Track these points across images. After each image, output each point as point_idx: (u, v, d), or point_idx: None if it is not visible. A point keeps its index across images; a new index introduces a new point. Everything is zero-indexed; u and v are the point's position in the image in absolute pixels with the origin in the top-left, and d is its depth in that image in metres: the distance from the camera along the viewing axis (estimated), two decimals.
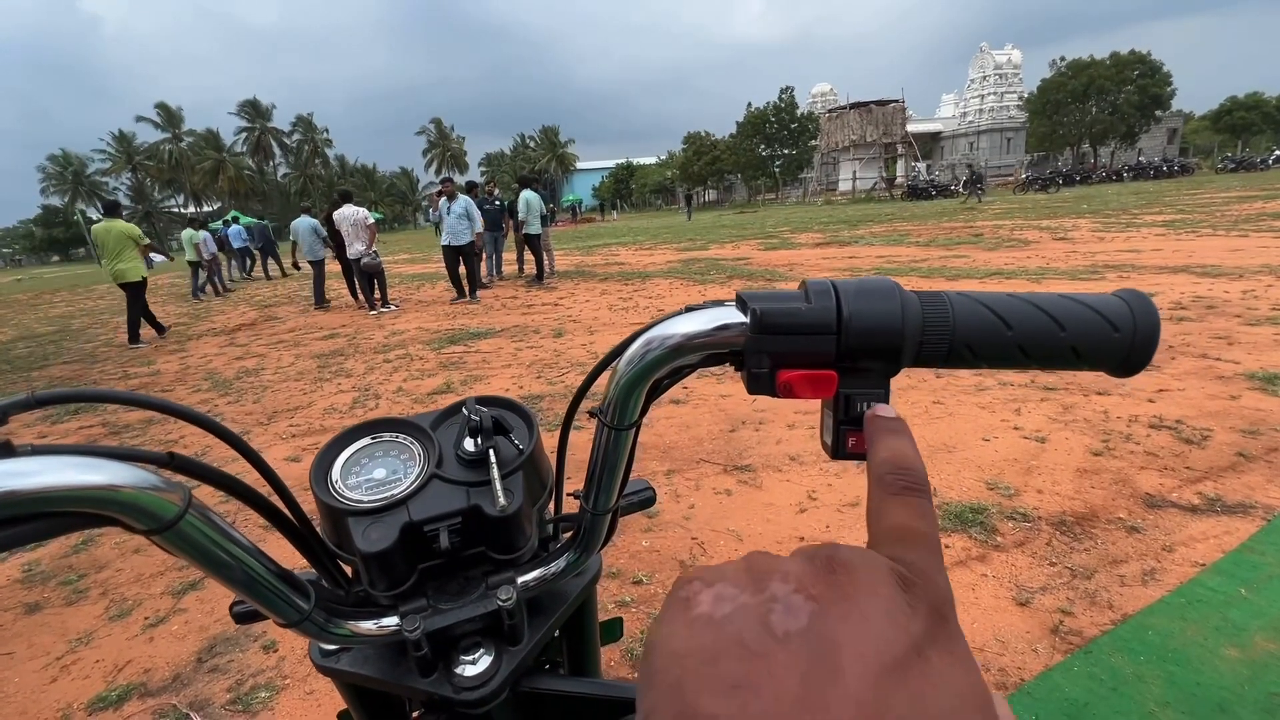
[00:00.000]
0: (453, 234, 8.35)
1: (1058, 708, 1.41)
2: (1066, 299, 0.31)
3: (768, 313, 0.31)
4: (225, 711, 1.62)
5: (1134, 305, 0.30)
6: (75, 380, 6.00)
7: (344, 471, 0.44)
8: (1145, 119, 40.29)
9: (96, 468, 0.27)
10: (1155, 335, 0.30)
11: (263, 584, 0.36)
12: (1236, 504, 2.18)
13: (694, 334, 0.33)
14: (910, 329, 0.30)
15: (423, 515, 0.41)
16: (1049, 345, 0.30)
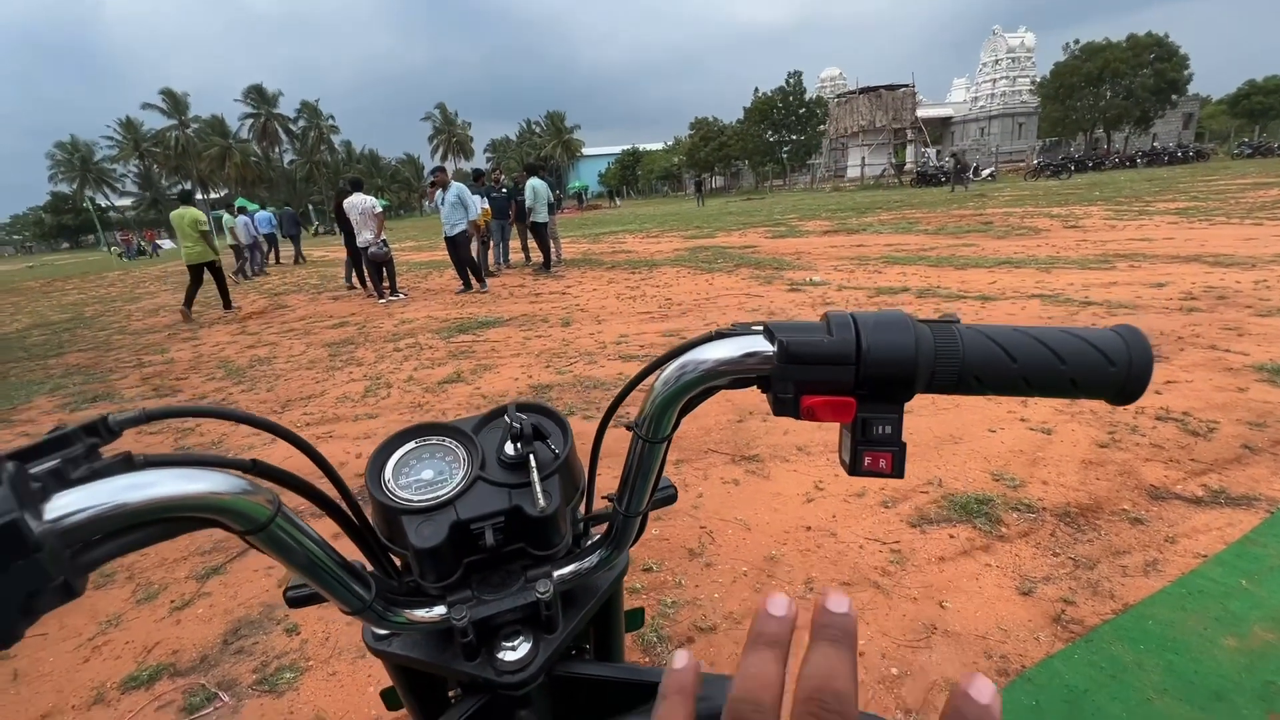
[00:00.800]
0: (448, 223, 8.32)
1: (1058, 694, 1.45)
2: (1067, 333, 0.34)
3: (793, 344, 0.34)
4: (252, 691, 1.68)
5: (1130, 341, 0.33)
6: (91, 367, 6.09)
7: (395, 472, 0.48)
8: (1161, 103, 39.61)
9: (202, 478, 0.31)
10: (1149, 369, 0.33)
11: (333, 576, 0.40)
12: (1240, 496, 2.20)
13: (725, 360, 0.36)
14: (923, 360, 0.33)
15: (469, 514, 0.45)
16: (1050, 377, 0.34)
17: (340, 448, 3.35)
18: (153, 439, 3.77)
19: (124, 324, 8.89)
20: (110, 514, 0.28)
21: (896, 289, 6.27)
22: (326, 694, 1.65)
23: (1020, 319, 4.76)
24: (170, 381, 5.21)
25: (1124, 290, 5.42)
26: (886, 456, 0.35)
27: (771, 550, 2.11)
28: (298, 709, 1.61)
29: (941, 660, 1.59)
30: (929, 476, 2.50)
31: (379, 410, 3.95)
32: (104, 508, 0.28)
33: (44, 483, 0.27)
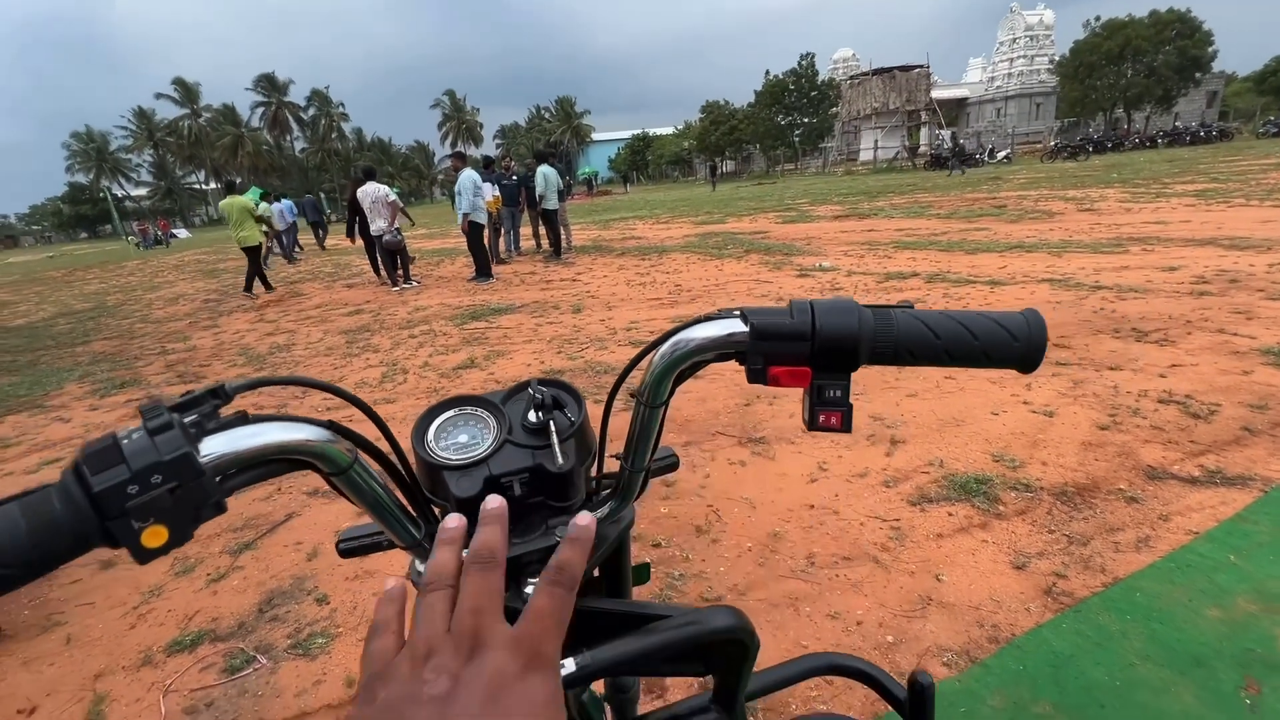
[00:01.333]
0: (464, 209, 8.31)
1: (1043, 659, 1.53)
2: (982, 315, 0.42)
3: (761, 325, 0.42)
4: (287, 655, 1.80)
5: (1030, 321, 0.41)
6: (116, 355, 6.26)
7: (436, 436, 0.56)
8: (1184, 82, 38.60)
9: (302, 429, 0.40)
10: (1044, 343, 0.41)
11: (394, 517, 0.49)
12: (1236, 476, 2.25)
13: (710, 338, 0.44)
14: (865, 337, 0.41)
15: (499, 470, 0.54)
16: (967, 349, 0.41)
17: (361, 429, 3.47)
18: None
19: (146, 312, 9.09)
20: (243, 453, 0.37)
21: (906, 274, 6.28)
22: (356, 657, 1.77)
23: (1028, 303, 4.77)
24: (194, 368, 5.37)
25: (1135, 274, 5.41)
26: (837, 415, 0.43)
27: (775, 527, 2.20)
28: (330, 671, 1.73)
29: (935, 629, 1.67)
30: (931, 457, 2.57)
31: (396, 395, 4.07)
32: (239, 449, 0.36)
33: (195, 429, 0.36)
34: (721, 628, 0.51)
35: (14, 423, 4.27)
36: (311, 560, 2.27)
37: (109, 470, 0.31)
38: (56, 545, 0.30)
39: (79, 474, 0.31)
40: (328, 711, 1.60)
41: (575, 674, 0.49)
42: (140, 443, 0.32)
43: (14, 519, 0.30)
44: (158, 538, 0.32)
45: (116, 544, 0.31)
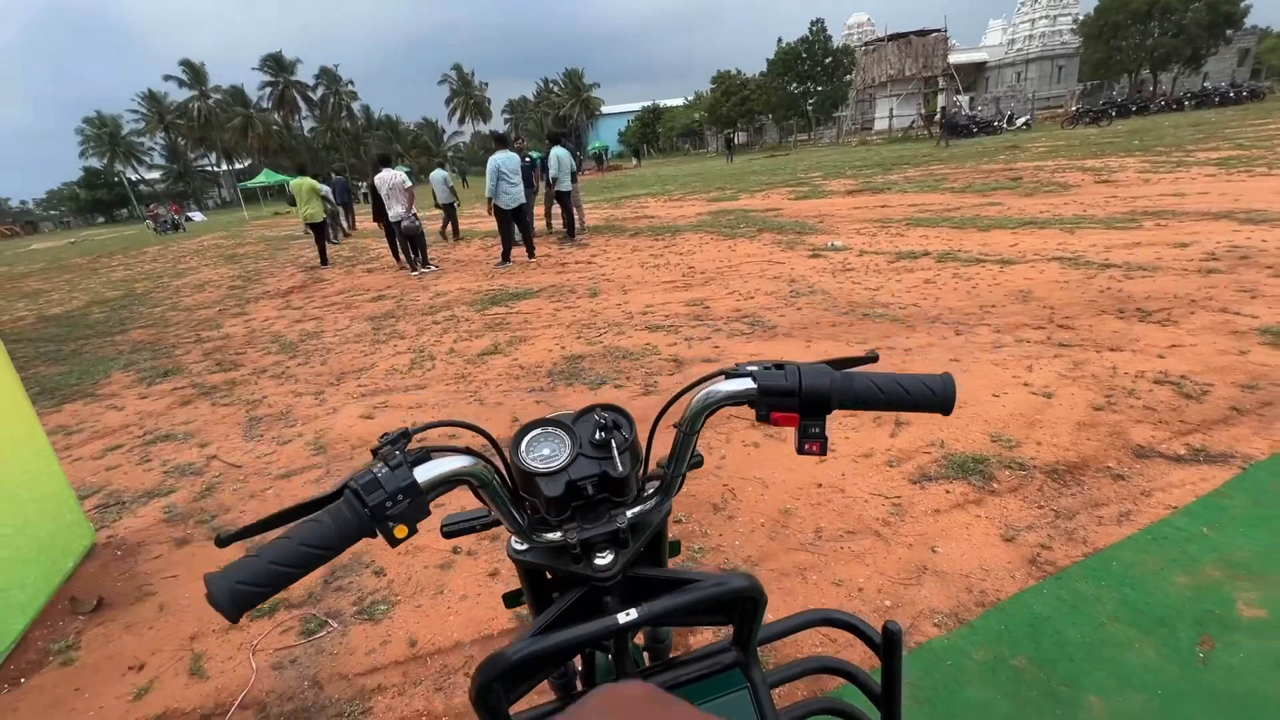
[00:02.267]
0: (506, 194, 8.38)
1: (1023, 620, 1.72)
2: (916, 379, 0.60)
3: (765, 385, 0.61)
4: (354, 619, 2.05)
5: (945, 383, 0.60)
6: (154, 343, 6.56)
7: (527, 450, 0.76)
8: (1214, 40, 37.20)
9: (460, 460, 0.59)
10: (953, 398, 0.59)
11: (509, 512, 0.69)
12: (1219, 454, 2.41)
13: (731, 392, 0.63)
14: (835, 393, 0.59)
15: (576, 476, 0.73)
16: (901, 401, 0.60)
17: (397, 417, 3.71)
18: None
19: (175, 300, 9.40)
20: (435, 478, 0.56)
21: (918, 253, 6.37)
22: (415, 621, 2.01)
23: (1036, 283, 4.87)
24: (231, 356, 5.64)
25: (1146, 251, 5.46)
26: (817, 444, 0.62)
27: (786, 505, 2.40)
28: (393, 633, 1.97)
29: (929, 594, 1.87)
30: (932, 438, 2.75)
31: (426, 382, 4.30)
32: (434, 475, 0.56)
33: (412, 463, 0.55)
34: (740, 588, 0.70)
35: (71, 411, 4.57)
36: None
37: (375, 493, 0.51)
38: (347, 536, 0.50)
39: (358, 494, 0.51)
40: (395, 667, 1.84)
41: (635, 620, 0.69)
42: (387, 477, 0.52)
43: (327, 521, 0.50)
44: (402, 531, 0.52)
45: (379, 535, 0.52)
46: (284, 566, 0.49)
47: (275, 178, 40.53)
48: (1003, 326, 4.03)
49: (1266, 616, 1.65)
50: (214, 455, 3.48)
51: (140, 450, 3.68)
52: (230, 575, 0.48)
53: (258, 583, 0.49)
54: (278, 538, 0.51)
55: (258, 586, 0.49)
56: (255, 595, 0.48)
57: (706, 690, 0.80)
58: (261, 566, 0.49)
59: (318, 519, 0.51)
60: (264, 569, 0.49)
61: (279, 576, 0.49)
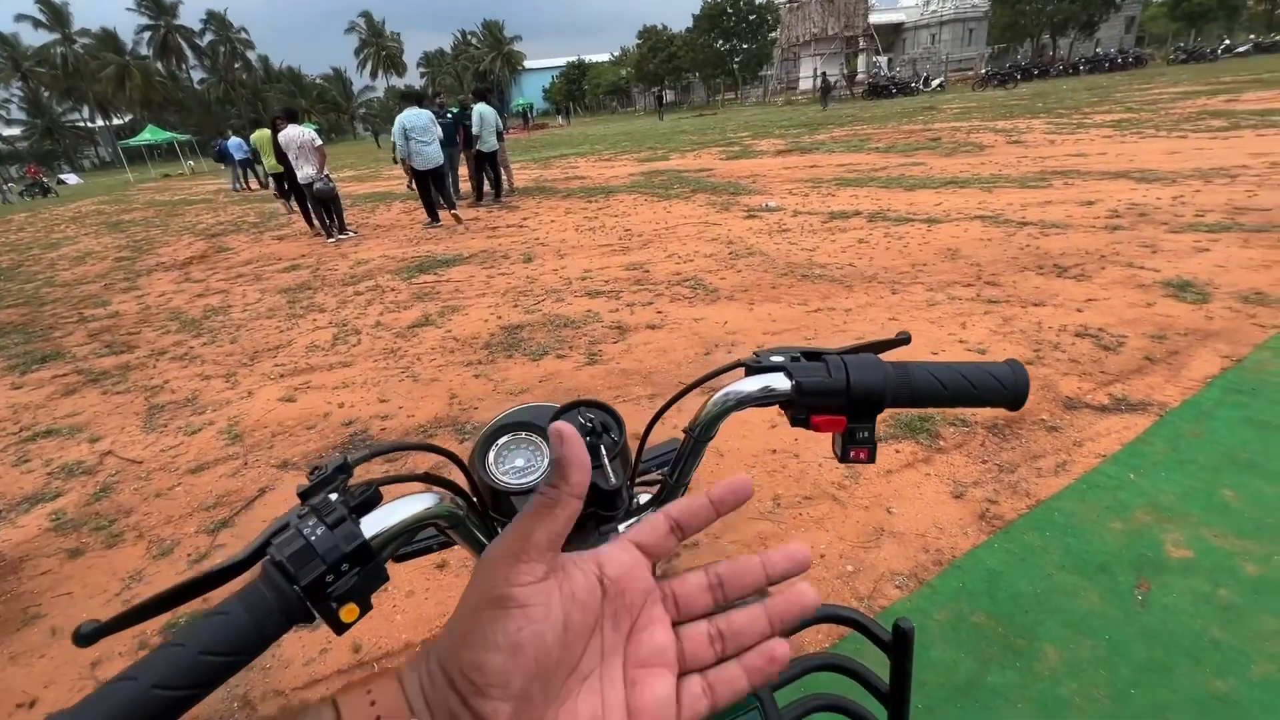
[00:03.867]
0: None
1: (979, 577, 1.77)
2: (978, 367, 0.52)
3: (806, 384, 0.50)
4: None
5: (1015, 371, 0.51)
6: (26, 325, 5.79)
7: (495, 461, 0.63)
8: (1106, 7, 39.53)
9: (421, 500, 0.46)
10: (1026, 389, 0.51)
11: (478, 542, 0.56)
12: (1138, 402, 2.56)
13: (759, 391, 0.52)
14: (889, 390, 0.50)
15: None
16: (967, 396, 0.51)
17: (321, 398, 3.42)
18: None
19: (50, 275, 8.35)
20: (390, 529, 0.43)
21: (849, 213, 6.46)
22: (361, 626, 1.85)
23: (962, 241, 5.04)
24: (122, 337, 5.05)
25: (1057, 210, 5.75)
26: (865, 450, 0.52)
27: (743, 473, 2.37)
28: (334, 640, 1.81)
29: (889, 557, 1.89)
30: None
31: (352, 358, 3.99)
32: (388, 525, 0.43)
33: (355, 513, 0.42)
34: None
35: None
36: None
37: (307, 565, 0.37)
38: (271, 628, 0.36)
39: (282, 569, 0.37)
40: (338, 677, 1.69)
41: None
42: (325, 539, 0.38)
43: (238, 612, 0.36)
44: (351, 613, 0.39)
45: (317, 620, 0.38)
46: (176, 690, 0.34)
47: (161, 135, 36.60)
48: (935, 285, 4.14)
49: (1193, 556, 1.76)
50: (108, 451, 3.10)
51: (16, 449, 3.24)
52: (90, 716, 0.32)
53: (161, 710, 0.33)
54: (166, 645, 0.35)
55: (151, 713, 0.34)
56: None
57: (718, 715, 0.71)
58: (141, 693, 0.33)
59: (225, 610, 0.37)
60: (146, 697, 0.33)
61: (169, 705, 0.34)
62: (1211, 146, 8.12)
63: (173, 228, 11.84)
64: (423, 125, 7.97)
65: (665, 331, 3.85)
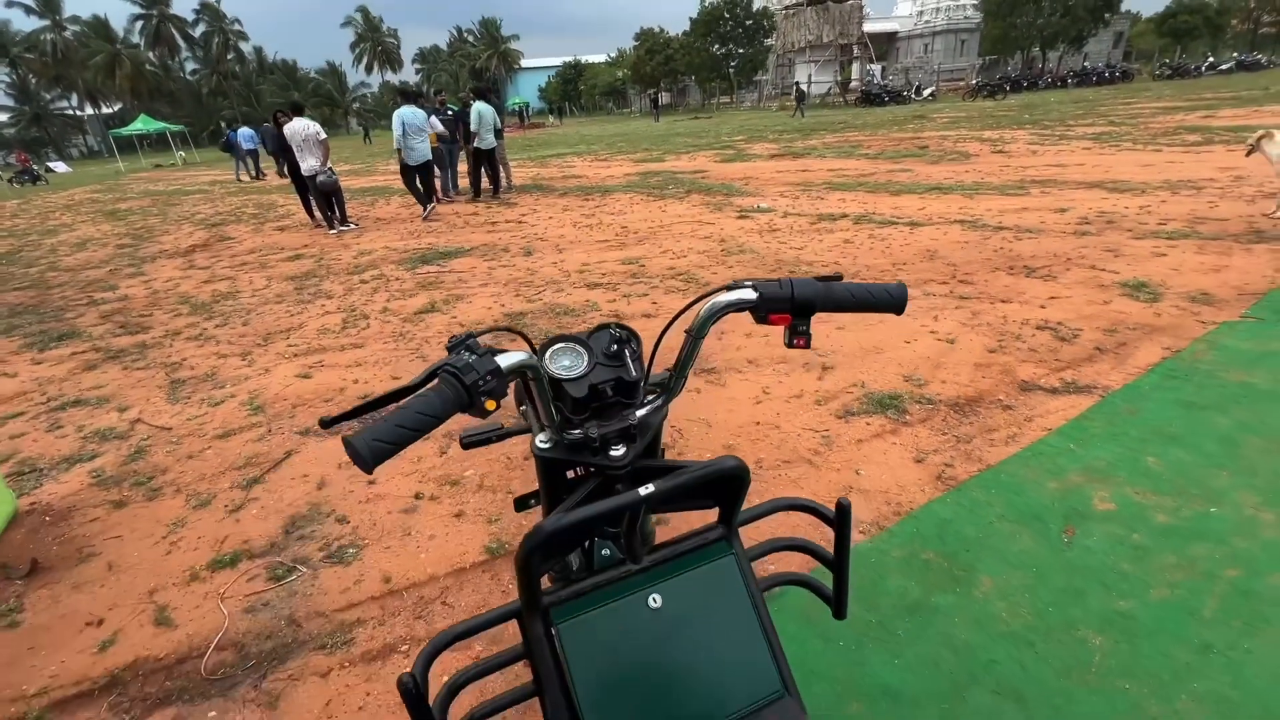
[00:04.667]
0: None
1: (931, 523, 2.04)
2: (878, 287, 0.78)
3: (766, 294, 0.76)
4: (324, 563, 2.10)
5: (900, 290, 0.78)
6: (37, 306, 5.95)
7: (551, 359, 0.88)
8: (1095, 22, 40.33)
9: (519, 356, 0.71)
10: (905, 300, 0.78)
11: (549, 407, 0.81)
12: (1085, 386, 2.84)
13: (736, 300, 0.78)
14: (819, 300, 0.76)
15: (595, 380, 0.87)
16: (869, 304, 0.78)
17: (336, 375, 3.65)
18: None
19: (52, 260, 8.47)
20: (506, 366, 0.69)
21: (836, 215, 6.75)
22: (387, 561, 2.09)
23: (941, 243, 5.34)
24: (135, 318, 5.24)
25: (1032, 216, 6.07)
26: (803, 339, 0.79)
27: (729, 441, 2.63)
28: (366, 573, 2.05)
29: (856, 509, 2.13)
30: (854, 380, 3.06)
31: (363, 340, 4.21)
32: (504, 364, 0.68)
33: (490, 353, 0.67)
34: (731, 467, 0.87)
35: None
36: (322, 489, 2.53)
37: (468, 375, 0.63)
38: (449, 409, 0.62)
39: (455, 376, 0.63)
40: (372, 602, 1.93)
41: (652, 495, 0.84)
42: (476, 363, 0.64)
43: (433, 398, 0.62)
44: (491, 406, 0.64)
45: (472, 408, 0.64)
46: (407, 429, 0.60)
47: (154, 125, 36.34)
48: (913, 282, 4.43)
49: (1115, 509, 2.04)
50: (137, 419, 3.31)
51: (47, 417, 3.44)
52: (367, 435, 0.59)
53: (389, 440, 0.60)
54: (399, 408, 0.62)
55: (389, 443, 0.59)
56: (387, 450, 0.59)
57: (698, 559, 0.97)
58: (390, 429, 0.60)
59: (425, 395, 0.63)
60: (393, 430, 0.60)
61: (404, 436, 0.60)
62: (1183, 160, 8.50)
63: (171, 217, 11.95)
64: (418, 124, 8.42)
65: (659, 320, 4.10)
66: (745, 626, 0.93)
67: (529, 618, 0.85)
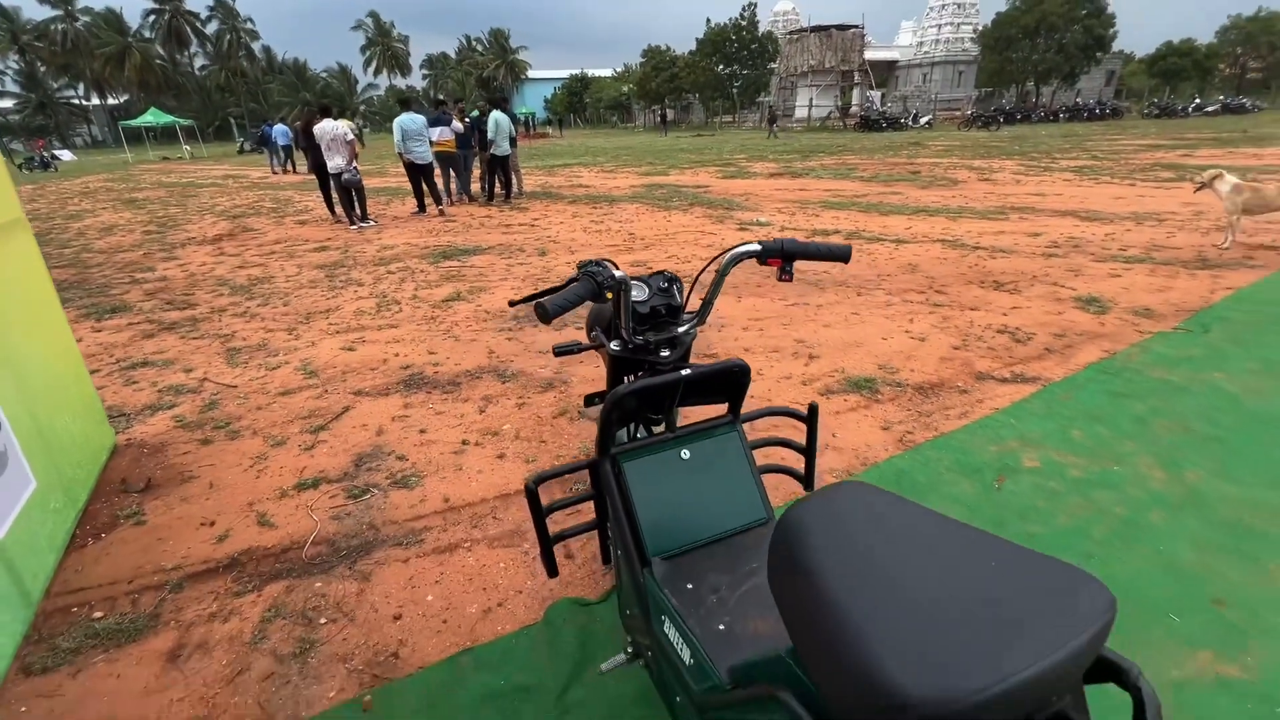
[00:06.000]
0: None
1: (890, 472, 2.50)
2: (836, 246, 1.27)
3: (766, 247, 1.25)
4: (391, 488, 2.54)
5: (848, 247, 1.27)
6: (81, 283, 6.35)
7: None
8: (1088, 60, 41.67)
9: (620, 272, 1.19)
10: (850, 253, 1.26)
11: (629, 320, 1.29)
12: (1031, 377, 3.33)
13: (747, 250, 1.27)
14: (798, 251, 1.25)
15: (654, 304, 1.34)
16: (830, 255, 1.26)
17: (378, 349, 4.09)
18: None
19: (84, 243, 8.86)
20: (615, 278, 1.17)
21: (829, 231, 7.28)
22: (444, 487, 2.54)
23: (922, 259, 5.86)
24: (179, 296, 5.66)
25: (1007, 238, 6.62)
26: (789, 276, 1.27)
27: None
28: (427, 495, 2.49)
29: (830, 461, 2.62)
30: (836, 366, 3.54)
31: (397, 322, 4.66)
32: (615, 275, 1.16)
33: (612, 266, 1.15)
34: (741, 363, 1.34)
35: None
36: (380, 435, 2.97)
37: (599, 277, 1.11)
38: (586, 296, 1.10)
39: (592, 276, 1.10)
40: (435, 515, 2.37)
41: (692, 375, 1.30)
42: (603, 271, 1.12)
43: (577, 288, 1.10)
44: (610, 295, 1.13)
45: (598, 299, 1.12)
46: (569, 301, 1.08)
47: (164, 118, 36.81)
48: (894, 290, 4.94)
49: (1039, 466, 2.52)
50: (204, 378, 3.74)
51: (121, 375, 3.86)
52: (550, 303, 1.06)
53: (560, 306, 1.07)
54: (560, 291, 1.09)
55: (560, 307, 1.07)
56: (561, 309, 1.07)
57: (714, 432, 1.44)
58: (561, 300, 1.07)
59: (574, 286, 1.10)
60: (562, 301, 1.07)
61: (566, 305, 1.08)
62: (1154, 195, 9.13)
63: (191, 208, 12.36)
64: (417, 129, 9.15)
65: None
66: (743, 475, 1.40)
67: (601, 462, 1.33)
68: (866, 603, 0.67)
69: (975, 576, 0.71)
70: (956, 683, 0.57)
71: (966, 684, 0.57)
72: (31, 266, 2.59)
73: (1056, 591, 0.67)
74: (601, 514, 1.46)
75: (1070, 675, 0.64)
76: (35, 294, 2.58)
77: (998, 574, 0.71)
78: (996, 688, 0.57)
